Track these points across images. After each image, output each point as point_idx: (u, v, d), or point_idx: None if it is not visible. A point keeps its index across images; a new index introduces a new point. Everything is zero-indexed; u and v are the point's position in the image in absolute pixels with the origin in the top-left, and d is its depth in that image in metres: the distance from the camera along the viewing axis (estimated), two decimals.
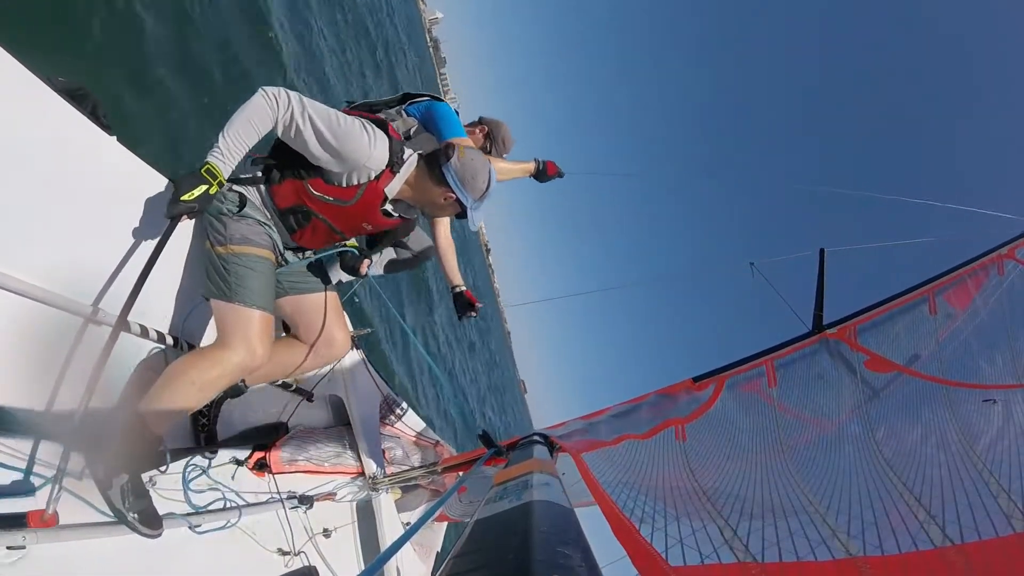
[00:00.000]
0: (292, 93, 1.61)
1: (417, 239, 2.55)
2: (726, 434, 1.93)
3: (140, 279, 1.45)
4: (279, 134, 1.65)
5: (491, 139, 2.50)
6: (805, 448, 1.88)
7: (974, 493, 1.44)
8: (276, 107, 1.58)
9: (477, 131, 2.49)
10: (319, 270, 2.00)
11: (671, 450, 1.75)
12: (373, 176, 1.70)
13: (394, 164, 1.71)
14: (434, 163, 1.75)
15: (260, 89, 1.58)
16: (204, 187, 1.48)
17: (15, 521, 1.19)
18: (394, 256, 2.59)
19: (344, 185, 1.71)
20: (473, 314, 2.45)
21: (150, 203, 1.70)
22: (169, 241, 1.53)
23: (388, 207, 1.83)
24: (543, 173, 2.56)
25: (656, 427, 1.85)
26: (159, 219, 1.69)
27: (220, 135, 1.55)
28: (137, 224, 1.66)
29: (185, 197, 1.46)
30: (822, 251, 2.72)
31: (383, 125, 1.74)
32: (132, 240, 1.65)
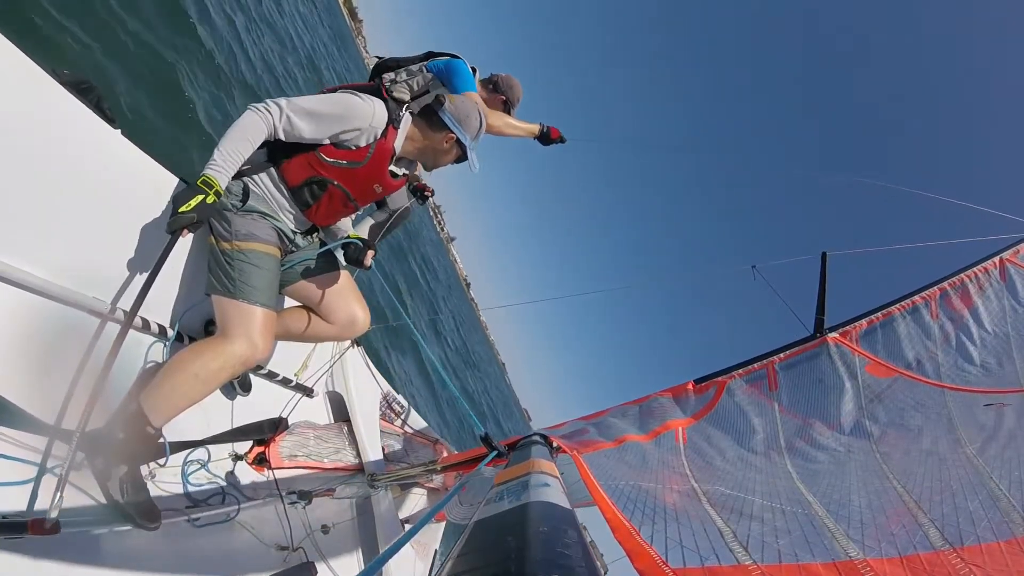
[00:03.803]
0: (279, 100, 1.69)
1: (393, 198, 2.67)
2: (727, 436, 1.93)
3: (147, 284, 1.45)
4: (280, 137, 1.71)
5: (508, 104, 2.67)
6: (805, 451, 1.88)
7: (974, 497, 1.44)
8: (269, 118, 1.66)
9: (495, 99, 2.65)
10: (327, 257, 2.03)
11: (672, 452, 1.75)
12: (380, 134, 1.80)
13: (394, 120, 1.83)
14: (430, 114, 1.90)
15: (249, 107, 1.66)
16: (201, 197, 1.51)
17: (15, 529, 1.19)
18: (372, 220, 2.67)
19: (355, 148, 1.79)
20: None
21: (153, 196, 1.70)
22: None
23: (393, 168, 1.92)
24: (546, 136, 2.68)
25: (657, 428, 1.84)
26: (161, 213, 1.69)
27: (216, 149, 1.59)
28: (140, 218, 1.67)
29: (183, 209, 1.48)
30: (824, 254, 2.72)
31: (374, 91, 1.86)
32: (135, 234, 1.65)
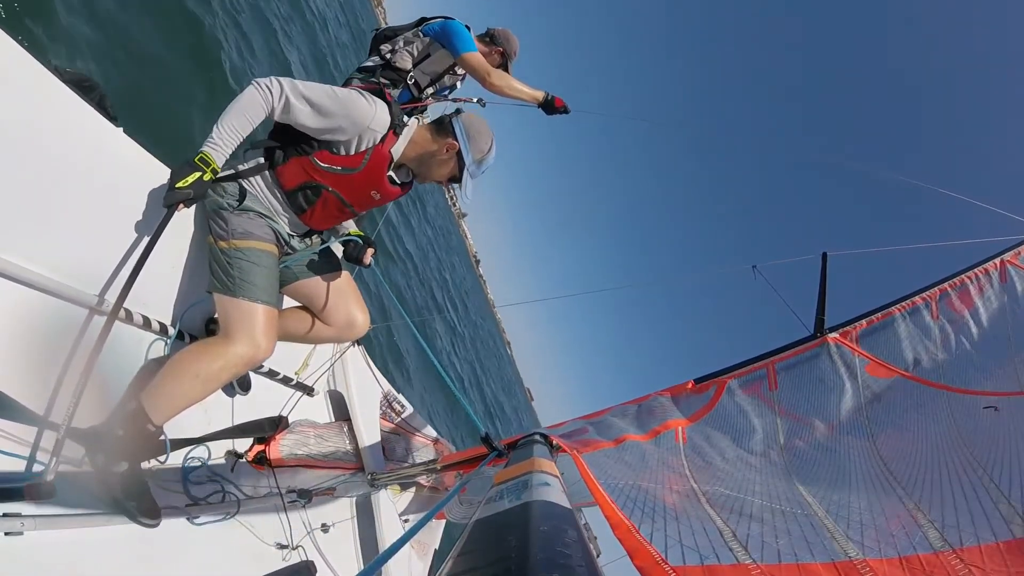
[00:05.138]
0: (284, 79, 1.65)
1: None
2: (726, 436, 1.93)
3: (137, 267, 1.46)
4: (277, 118, 1.68)
5: (506, 56, 2.65)
6: (805, 451, 1.88)
7: (973, 498, 1.44)
8: (269, 96, 1.62)
9: (492, 52, 2.63)
10: (328, 256, 2.01)
11: (671, 451, 1.75)
12: (378, 139, 1.74)
13: (396, 126, 1.77)
14: (440, 122, 1.84)
15: (252, 81, 1.63)
16: (198, 174, 1.52)
17: (12, 494, 1.19)
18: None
19: (351, 153, 1.74)
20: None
21: (155, 194, 1.70)
22: (172, 233, 1.55)
23: (392, 174, 1.86)
24: (550, 104, 2.68)
25: (657, 428, 1.85)
26: (163, 211, 1.69)
27: (215, 126, 1.58)
28: (142, 215, 1.67)
29: (180, 184, 1.50)
30: (824, 255, 2.72)
31: (379, 93, 1.79)
32: (136, 231, 1.66)
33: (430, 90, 2.56)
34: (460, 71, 2.59)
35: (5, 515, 1.24)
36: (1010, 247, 2.92)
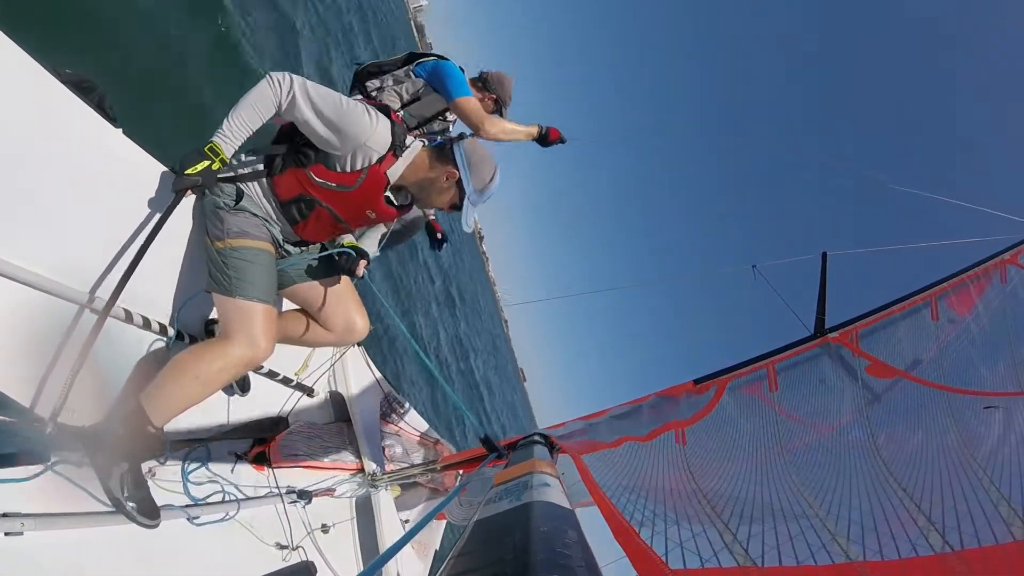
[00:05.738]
0: (296, 77, 1.63)
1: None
2: (727, 437, 1.93)
3: (135, 259, 1.46)
4: (282, 114, 1.66)
5: (500, 103, 2.58)
6: (806, 452, 1.88)
7: (974, 500, 1.44)
8: (279, 91, 1.61)
9: (486, 98, 2.56)
10: (326, 261, 2.00)
11: (671, 453, 1.75)
12: (375, 159, 1.69)
13: (396, 148, 1.71)
14: (441, 148, 1.78)
15: (266, 74, 1.62)
16: (207, 162, 1.53)
17: (6, 460, 1.19)
18: (384, 230, 2.65)
19: (347, 170, 1.70)
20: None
21: (155, 195, 1.70)
22: (172, 234, 1.55)
23: (389, 195, 1.82)
24: (545, 138, 2.60)
25: (656, 429, 1.84)
26: (162, 210, 1.69)
27: (226, 119, 1.59)
28: (142, 216, 1.66)
29: (189, 171, 1.51)
30: (824, 254, 2.72)
31: (386, 111, 1.75)
32: (136, 232, 1.65)
33: (416, 133, 2.51)
34: (451, 117, 2.48)
35: (5, 515, 1.24)
36: (1010, 247, 2.92)
